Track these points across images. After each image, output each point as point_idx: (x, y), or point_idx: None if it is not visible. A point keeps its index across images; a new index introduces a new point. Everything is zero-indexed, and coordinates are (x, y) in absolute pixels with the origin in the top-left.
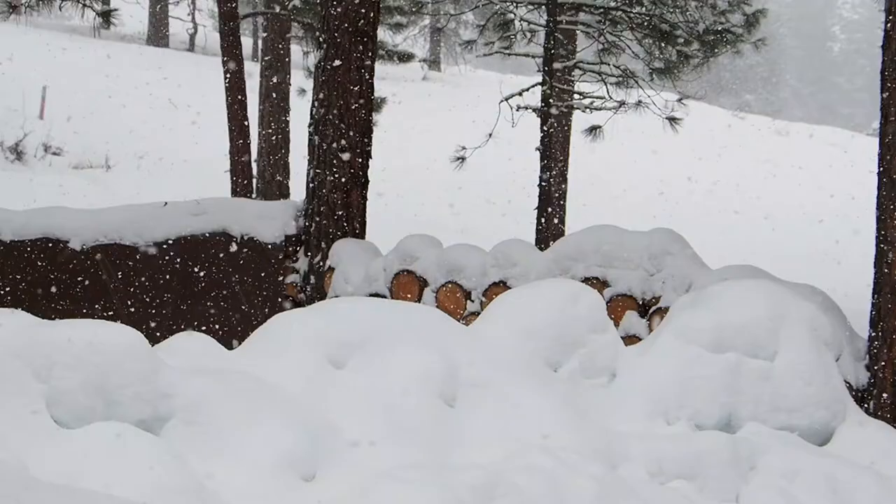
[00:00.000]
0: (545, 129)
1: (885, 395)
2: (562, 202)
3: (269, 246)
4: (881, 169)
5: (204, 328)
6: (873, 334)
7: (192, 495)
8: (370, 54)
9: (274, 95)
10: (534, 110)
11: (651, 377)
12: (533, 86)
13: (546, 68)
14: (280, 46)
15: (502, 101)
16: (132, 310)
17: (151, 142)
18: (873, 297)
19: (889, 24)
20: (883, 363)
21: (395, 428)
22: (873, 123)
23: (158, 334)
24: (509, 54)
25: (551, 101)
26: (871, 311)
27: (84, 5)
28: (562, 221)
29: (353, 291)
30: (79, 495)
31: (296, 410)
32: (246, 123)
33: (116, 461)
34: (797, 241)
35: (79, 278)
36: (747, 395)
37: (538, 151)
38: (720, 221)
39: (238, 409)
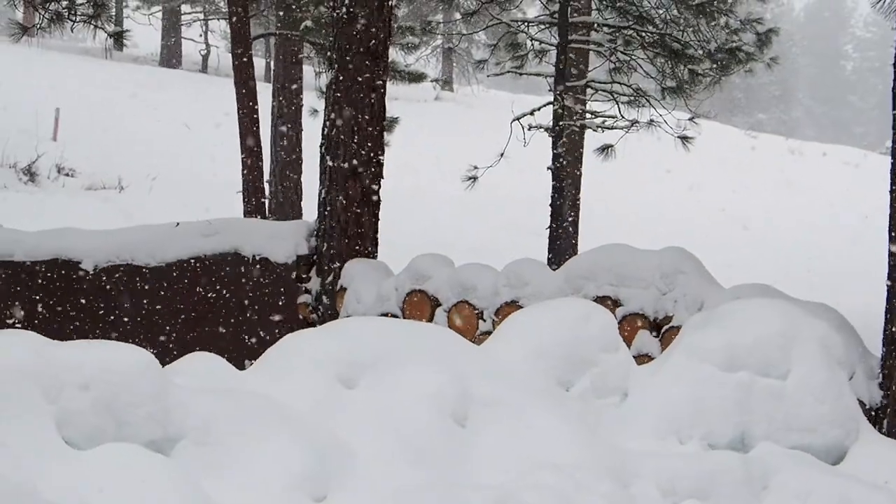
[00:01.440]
0: (557, 148)
1: None
2: (574, 221)
3: (281, 266)
4: (893, 187)
5: (215, 349)
6: (886, 352)
7: None
8: (382, 74)
9: (286, 116)
10: (545, 130)
11: (663, 396)
12: (544, 105)
13: (557, 87)
14: (292, 67)
15: (514, 120)
16: (143, 330)
17: (164, 163)
18: (886, 314)
19: None
20: None
21: (406, 448)
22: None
23: (170, 355)
24: (521, 74)
25: (563, 120)
26: (885, 330)
27: (96, 27)
28: (574, 240)
29: (364, 311)
30: None
31: (306, 431)
32: (258, 144)
33: (127, 482)
34: (810, 260)
35: (91, 299)
36: (760, 414)
37: (550, 171)
38: (733, 240)
39: (249, 429)
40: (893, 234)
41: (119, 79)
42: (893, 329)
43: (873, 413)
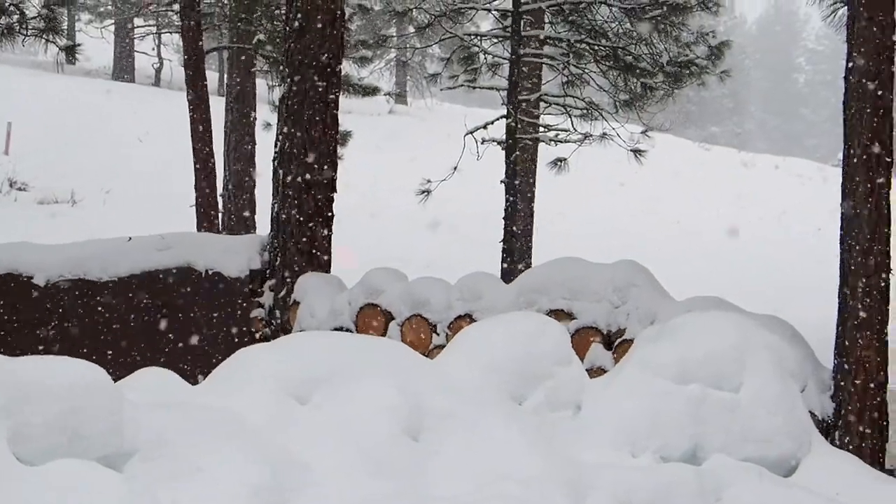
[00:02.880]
0: (510, 161)
1: (850, 425)
2: (528, 235)
3: (235, 280)
4: (844, 200)
5: (168, 363)
6: (838, 365)
7: None
8: (335, 88)
9: (239, 129)
10: (498, 143)
11: (616, 409)
12: (498, 119)
13: (511, 101)
14: (245, 81)
15: (467, 134)
16: (96, 345)
17: (117, 176)
18: (838, 327)
19: (851, 56)
20: (849, 394)
21: (360, 462)
22: (838, 154)
23: (122, 370)
24: (474, 87)
25: (516, 134)
26: (836, 342)
27: (47, 40)
28: (527, 254)
29: (318, 325)
30: None
31: (260, 446)
32: (211, 158)
33: (79, 498)
34: (763, 272)
35: (43, 314)
36: (713, 426)
37: (503, 184)
38: (686, 253)
39: (202, 444)
40: (845, 245)
41: (71, 92)
42: (846, 340)
43: (825, 425)
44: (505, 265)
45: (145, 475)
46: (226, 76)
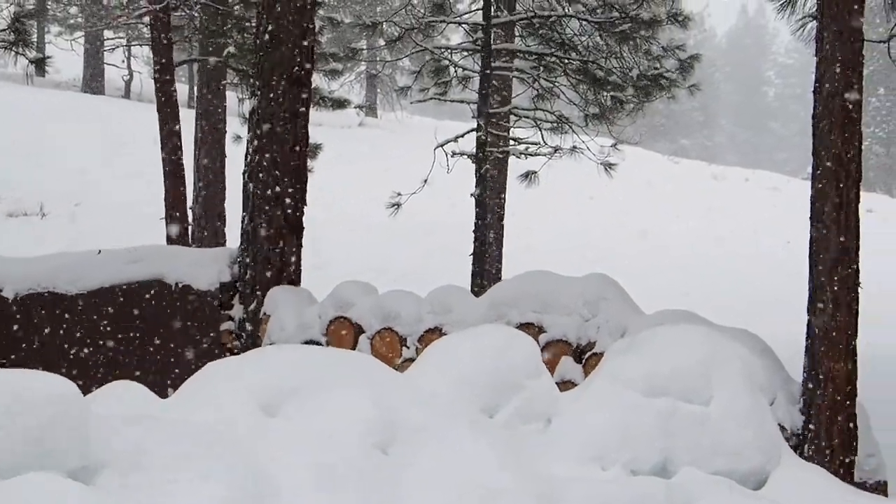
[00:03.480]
0: (480, 174)
1: (820, 438)
2: (498, 248)
3: (205, 293)
4: (814, 214)
5: (138, 377)
6: (808, 378)
7: None
8: (305, 101)
9: (209, 142)
10: (469, 156)
11: (586, 423)
12: (468, 132)
13: (481, 114)
14: (215, 93)
15: (437, 147)
16: (66, 359)
17: (87, 189)
18: (807, 340)
19: (820, 70)
20: (818, 407)
21: (331, 475)
22: (808, 168)
23: (92, 383)
24: (444, 100)
25: (486, 147)
26: (806, 355)
27: (17, 53)
28: (498, 267)
29: (288, 338)
30: None
31: (230, 460)
32: (181, 170)
33: None
34: (733, 285)
35: (12, 327)
36: (683, 439)
37: (473, 197)
38: (656, 266)
39: (172, 458)
40: (814, 259)
41: (41, 104)
42: (815, 353)
43: (794, 438)
44: (475, 278)
45: (115, 489)
46: (196, 89)
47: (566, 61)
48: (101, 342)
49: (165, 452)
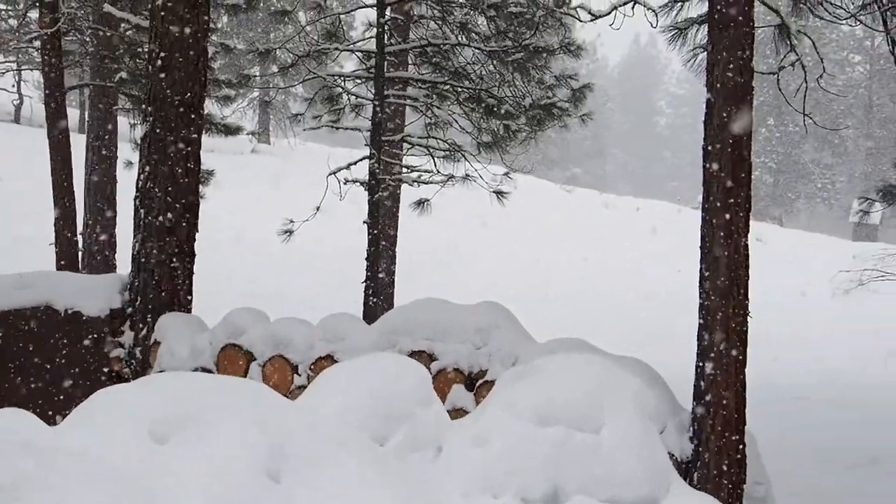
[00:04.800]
0: (373, 202)
1: (709, 466)
2: (390, 275)
3: (95, 320)
4: (704, 243)
5: (26, 404)
6: (697, 406)
7: None
8: (197, 127)
9: (100, 167)
10: (361, 184)
11: (477, 451)
12: (361, 159)
13: (374, 142)
14: (107, 118)
15: (330, 174)
16: None
17: None
18: (697, 368)
19: (710, 101)
20: (707, 435)
21: None
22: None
23: None
24: (337, 128)
25: (379, 174)
26: (695, 383)
27: None
28: (390, 295)
29: (178, 366)
30: None
31: (119, 489)
32: (72, 196)
33: None
34: (623, 313)
35: None
36: (574, 468)
37: (366, 224)
38: (547, 294)
39: (59, 486)
40: (704, 287)
41: None
42: (705, 382)
43: (684, 466)
44: (367, 306)
45: None
46: (87, 114)
47: (459, 90)
48: None
49: (53, 482)
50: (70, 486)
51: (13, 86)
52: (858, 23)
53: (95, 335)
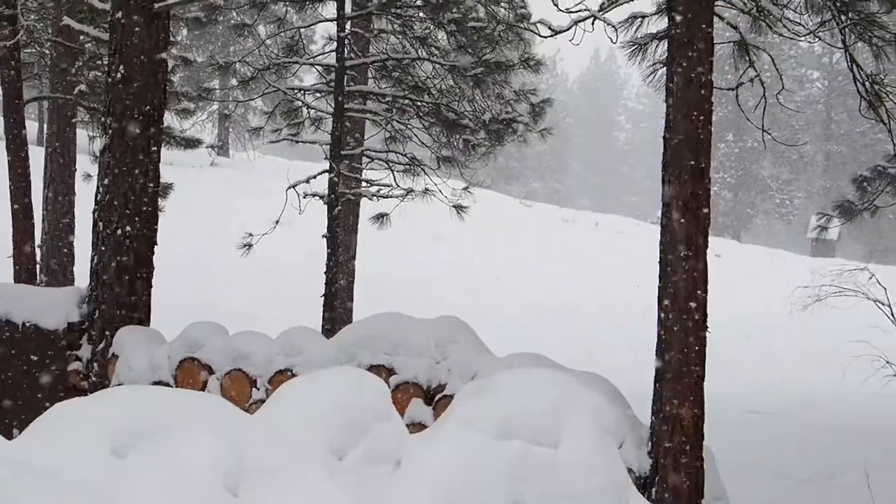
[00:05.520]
0: (332, 216)
1: (667, 482)
2: (350, 289)
3: (53, 333)
4: (663, 258)
5: None
6: (655, 421)
7: None
8: (156, 139)
9: (59, 180)
10: (321, 198)
11: (436, 465)
12: (320, 173)
13: (333, 155)
14: (66, 131)
15: (289, 188)
16: None
17: None
18: (656, 384)
19: (670, 116)
20: (665, 450)
21: None
22: (657, 212)
23: None
24: (297, 141)
25: (338, 188)
26: (654, 399)
27: None
28: (350, 309)
29: (136, 379)
30: None
31: (78, 501)
32: (30, 208)
33: None
34: (582, 328)
35: None
36: (532, 483)
37: (325, 238)
38: (508, 308)
39: (18, 501)
40: (663, 303)
41: None
42: (663, 397)
43: (642, 480)
44: (326, 320)
45: None
46: (46, 126)
47: (419, 104)
48: None
49: (11, 495)
50: (29, 500)
51: None
52: (817, 39)
53: (54, 348)
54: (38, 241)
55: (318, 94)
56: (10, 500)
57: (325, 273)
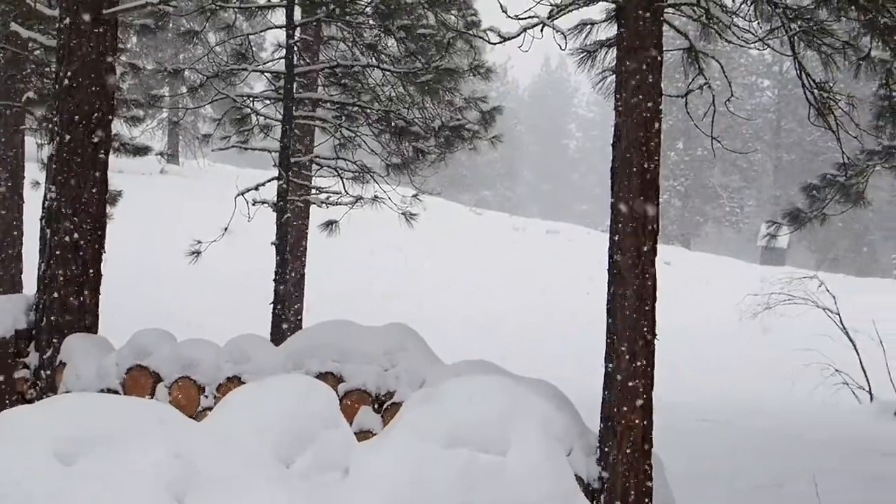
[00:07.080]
0: (281, 223)
1: (615, 489)
2: (299, 296)
3: (0, 341)
4: (611, 266)
5: None
6: (604, 429)
7: None
8: (105, 147)
9: (7, 188)
10: (270, 205)
11: (384, 473)
12: (269, 180)
13: (282, 163)
14: (14, 138)
15: (238, 195)
16: None
17: None
18: (604, 391)
19: (619, 124)
20: (614, 457)
21: None
22: (606, 220)
23: None
24: (246, 148)
25: (287, 195)
26: (602, 406)
27: None
28: (299, 316)
29: (84, 387)
30: None
31: None
32: None
33: None
34: (530, 336)
35: None
36: (480, 490)
37: (274, 246)
38: (456, 316)
39: None
40: (612, 311)
41: None
42: (611, 405)
43: (591, 489)
44: (275, 327)
45: None
46: None
47: (368, 111)
48: None
49: None
50: None
51: None
52: (767, 47)
53: (0, 356)
54: None
55: (268, 101)
56: None
57: (274, 280)
